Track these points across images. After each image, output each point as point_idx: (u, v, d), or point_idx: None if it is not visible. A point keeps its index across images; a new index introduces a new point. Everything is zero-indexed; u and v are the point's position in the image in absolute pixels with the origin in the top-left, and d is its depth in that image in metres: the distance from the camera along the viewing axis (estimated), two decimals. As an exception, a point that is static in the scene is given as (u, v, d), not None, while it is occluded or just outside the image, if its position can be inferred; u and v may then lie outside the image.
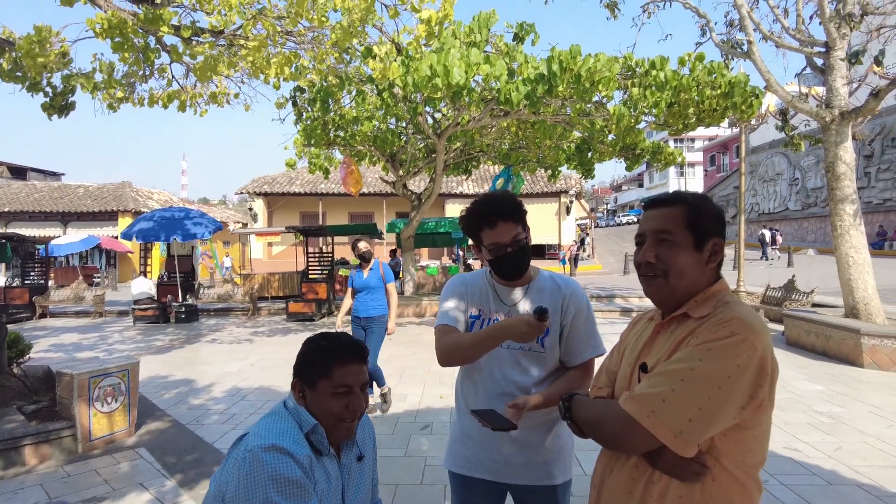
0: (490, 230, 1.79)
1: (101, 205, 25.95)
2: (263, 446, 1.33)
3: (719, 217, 1.32)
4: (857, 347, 6.94)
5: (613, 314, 12.22)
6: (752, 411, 1.15)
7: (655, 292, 1.33)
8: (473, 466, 1.86)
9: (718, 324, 1.18)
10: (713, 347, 1.14)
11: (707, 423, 1.12)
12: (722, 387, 1.11)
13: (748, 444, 1.19)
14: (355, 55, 7.98)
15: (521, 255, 1.82)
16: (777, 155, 32.79)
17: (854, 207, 7.67)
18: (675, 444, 1.13)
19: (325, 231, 14.59)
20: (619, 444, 1.26)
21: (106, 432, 4.45)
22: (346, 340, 1.53)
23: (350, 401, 1.48)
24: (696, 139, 55.66)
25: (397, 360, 7.68)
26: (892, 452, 4.18)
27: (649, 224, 1.33)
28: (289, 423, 1.44)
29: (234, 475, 1.33)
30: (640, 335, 1.41)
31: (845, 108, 7.76)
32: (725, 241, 1.35)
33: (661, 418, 1.14)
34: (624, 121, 8.13)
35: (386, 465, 4.02)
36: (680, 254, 1.27)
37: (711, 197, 1.47)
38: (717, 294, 1.29)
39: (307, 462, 1.37)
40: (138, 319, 12.25)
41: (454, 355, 1.81)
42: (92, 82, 7.17)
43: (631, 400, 1.20)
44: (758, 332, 1.16)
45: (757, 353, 1.13)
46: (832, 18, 7.76)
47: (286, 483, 1.30)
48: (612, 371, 1.46)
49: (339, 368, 1.47)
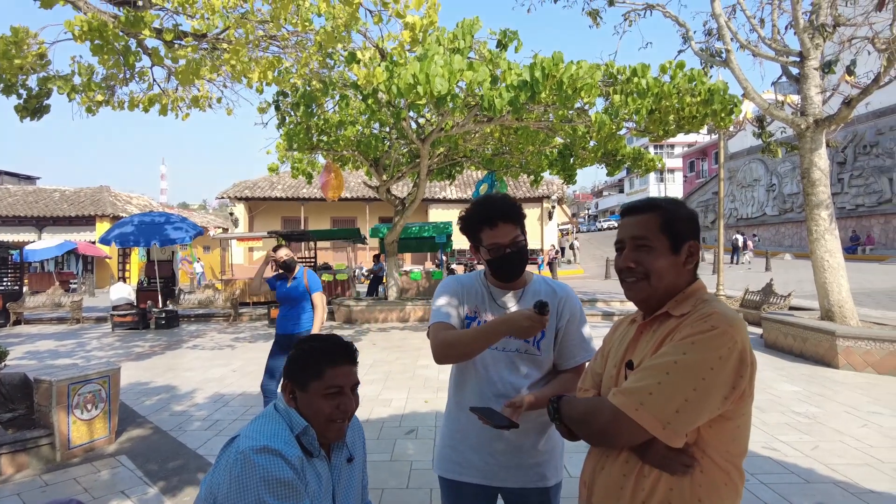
0: (490, 230, 1.81)
1: (77, 209, 25.48)
2: (255, 448, 1.34)
3: (693, 220, 1.38)
4: (833, 349, 7.11)
5: (595, 318, 12.32)
6: (735, 401, 1.20)
7: (637, 294, 1.38)
8: (464, 471, 1.87)
9: (700, 319, 1.24)
10: (696, 341, 1.20)
11: (693, 413, 1.17)
12: (706, 378, 1.16)
13: (732, 434, 1.25)
14: (339, 60, 7.99)
15: (519, 257, 1.84)
16: (755, 161, 33.43)
17: (829, 212, 7.86)
18: (663, 436, 1.18)
19: (308, 236, 14.51)
20: (608, 438, 1.29)
21: (86, 440, 4.37)
22: (337, 342, 1.55)
23: (341, 401, 1.49)
24: (675, 145, 56.45)
25: (382, 365, 7.66)
26: (866, 450, 4.28)
27: (627, 231, 1.39)
28: (280, 424, 1.44)
29: (225, 477, 1.34)
30: (624, 336, 1.45)
31: (819, 115, 7.96)
32: (701, 244, 1.41)
33: (649, 410, 1.18)
34: (605, 127, 8.24)
35: (372, 469, 4.01)
36: (658, 257, 1.33)
37: (689, 202, 1.50)
38: (696, 293, 1.35)
39: (298, 463, 1.38)
40: (117, 326, 12.04)
41: (452, 349, 1.77)
42: (70, 84, 7.07)
43: (619, 394, 1.24)
44: (736, 326, 1.21)
45: (737, 345, 1.19)
46: (806, 29, 7.97)
47: (278, 484, 1.31)
48: (598, 373, 1.49)
49: (331, 370, 1.49)
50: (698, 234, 1.39)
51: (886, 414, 5.19)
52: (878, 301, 12.18)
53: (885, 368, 6.73)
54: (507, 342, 1.84)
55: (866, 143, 25.04)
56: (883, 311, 10.34)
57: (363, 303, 12.81)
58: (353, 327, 11.71)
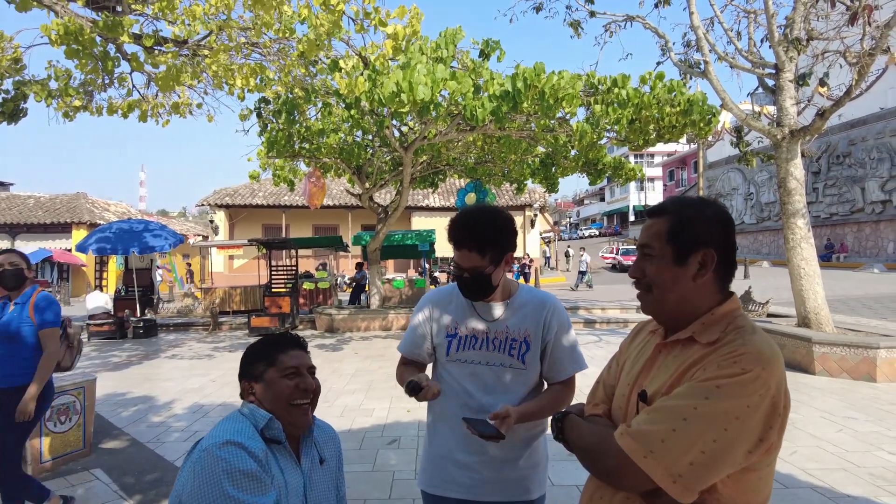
0: (456, 250, 1.80)
1: (53, 216, 24.99)
2: (218, 444, 1.34)
3: (713, 223, 1.21)
4: (809, 355, 7.23)
5: (577, 325, 12.40)
6: (761, 455, 1.07)
7: (646, 307, 1.28)
8: (447, 485, 1.85)
9: (729, 357, 1.08)
10: (722, 385, 1.05)
11: (710, 468, 1.04)
12: (729, 429, 1.03)
13: (753, 486, 1.11)
14: (322, 68, 7.98)
15: (475, 283, 1.80)
16: (733, 170, 34.04)
17: (805, 221, 8.02)
18: (673, 490, 1.05)
19: (290, 244, 14.39)
20: (612, 481, 1.18)
21: (59, 453, 4.26)
22: (283, 334, 1.63)
23: (299, 381, 1.53)
24: (655, 154, 57.25)
25: (364, 375, 7.61)
26: (842, 455, 4.36)
27: (640, 237, 1.29)
28: (243, 423, 1.44)
29: (189, 477, 1.33)
30: (642, 350, 1.34)
31: (794, 126, 8.14)
32: (731, 252, 1.23)
33: (659, 460, 1.05)
34: (586, 137, 8.33)
35: (353, 480, 3.97)
36: (661, 269, 1.21)
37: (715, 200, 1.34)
38: (727, 316, 1.19)
39: (263, 456, 1.38)
40: (93, 335, 11.80)
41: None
42: (46, 90, 6.96)
43: (628, 436, 1.11)
44: (772, 367, 1.06)
45: (770, 391, 1.05)
46: (781, 42, 8.16)
47: (241, 476, 1.30)
48: (611, 385, 1.38)
49: (283, 354, 1.55)
50: (724, 240, 1.21)
51: (860, 419, 5.29)
52: (852, 308, 12.44)
53: (859, 374, 6.86)
54: (491, 357, 1.82)
55: (839, 153, 25.65)
56: (857, 318, 10.56)
57: (345, 311, 12.72)
58: (334, 336, 11.63)
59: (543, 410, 1.78)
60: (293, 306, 12.77)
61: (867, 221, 24.70)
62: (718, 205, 1.26)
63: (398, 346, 2.00)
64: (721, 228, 1.21)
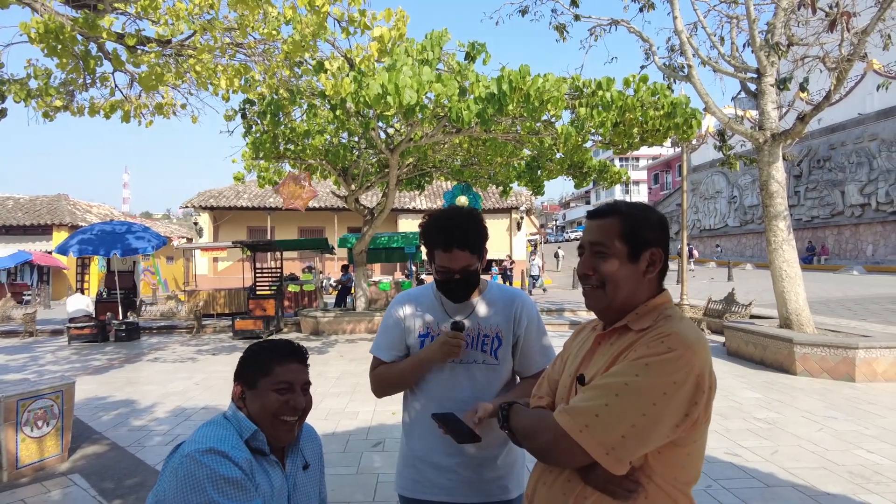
0: (444, 253, 1.75)
1: (33, 218, 24.56)
2: (201, 450, 1.31)
3: (659, 227, 1.30)
4: (791, 356, 7.32)
5: (562, 327, 12.44)
6: (686, 429, 1.14)
7: (594, 303, 1.32)
8: (426, 489, 1.83)
9: (657, 338, 1.16)
10: (650, 363, 1.12)
11: (639, 441, 1.10)
12: (657, 403, 1.09)
13: (681, 461, 1.18)
14: (307, 70, 7.94)
15: (466, 284, 1.80)
16: (717, 174, 34.43)
17: (786, 223, 8.14)
18: (606, 461, 1.11)
19: (274, 246, 14.29)
20: (551, 457, 1.23)
21: (35, 458, 4.18)
22: (287, 343, 1.58)
23: (290, 397, 1.48)
24: (640, 158, 57.79)
25: (349, 377, 7.57)
26: (822, 454, 4.41)
27: (587, 235, 1.33)
28: (228, 430, 1.41)
29: (171, 481, 1.30)
30: (583, 345, 1.40)
31: (776, 130, 8.26)
32: (668, 252, 1.33)
33: (593, 433, 1.11)
34: (571, 140, 8.38)
35: (337, 483, 3.95)
36: (614, 265, 1.26)
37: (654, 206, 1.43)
38: (659, 307, 1.28)
39: (247, 465, 1.35)
40: (74, 338, 11.60)
41: (387, 385, 1.91)
42: (26, 90, 6.84)
43: (564, 413, 1.17)
44: (695, 349, 1.14)
45: (694, 370, 1.11)
46: (762, 47, 8.28)
47: (226, 483, 1.28)
48: (554, 380, 1.43)
49: (279, 367, 1.50)
50: (665, 241, 1.31)
51: (840, 418, 5.37)
52: (832, 309, 12.63)
53: (839, 374, 6.96)
54: (466, 353, 1.82)
55: (820, 157, 26.08)
56: (837, 319, 10.72)
57: (330, 314, 12.65)
58: (319, 339, 11.55)
59: None
60: (278, 309, 12.68)
61: (847, 224, 25.13)
62: (657, 210, 1.36)
63: (371, 350, 1.94)
64: (663, 231, 1.31)
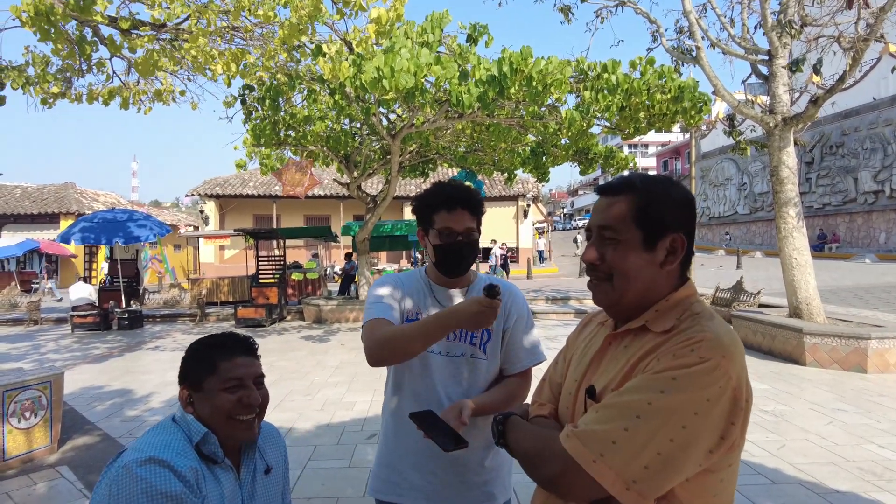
0: (447, 213, 1.66)
1: (40, 207, 24.67)
2: (139, 460, 1.17)
3: (682, 206, 1.08)
4: (800, 346, 7.14)
5: (568, 315, 12.29)
6: (723, 453, 0.94)
7: (602, 298, 1.12)
8: (403, 492, 1.69)
9: (685, 345, 0.96)
10: (678, 377, 0.92)
11: (667, 472, 0.91)
12: (687, 426, 0.90)
13: (714, 489, 0.98)
14: (305, 53, 7.78)
15: (469, 249, 1.69)
16: (726, 160, 33.97)
17: (797, 210, 7.92)
18: (626, 498, 0.92)
19: (276, 234, 14.21)
20: (557, 489, 1.04)
21: (23, 450, 4.11)
22: (230, 335, 1.43)
23: (242, 394, 1.34)
24: (649, 145, 57.18)
25: (348, 367, 7.47)
26: (831, 449, 4.26)
27: (595, 216, 1.13)
28: (174, 434, 1.28)
29: (104, 497, 1.17)
30: (589, 343, 1.21)
31: (787, 114, 8.01)
32: (693, 237, 1.10)
33: (610, 464, 0.92)
34: (576, 125, 8.17)
35: (328, 476, 3.85)
36: (626, 255, 1.06)
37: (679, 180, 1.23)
38: (683, 302, 1.07)
39: (192, 475, 1.21)
40: (77, 327, 11.60)
41: (390, 347, 1.53)
42: (24, 76, 6.75)
43: (574, 438, 0.97)
44: (732, 355, 0.95)
45: (731, 382, 0.92)
46: (774, 28, 8.01)
47: (163, 498, 1.14)
48: (557, 383, 1.25)
49: (225, 363, 1.35)
50: (690, 224, 1.09)
51: (850, 411, 5.20)
52: (843, 298, 12.39)
53: (850, 365, 6.78)
54: (452, 346, 1.69)
55: (832, 143, 25.60)
56: (848, 308, 10.50)
57: (333, 302, 12.57)
58: (322, 327, 11.48)
59: (497, 404, 1.63)
60: (281, 297, 12.62)
61: (859, 212, 24.70)
62: (683, 185, 1.12)
63: (366, 316, 1.67)
64: (688, 212, 1.09)
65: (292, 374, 7.07)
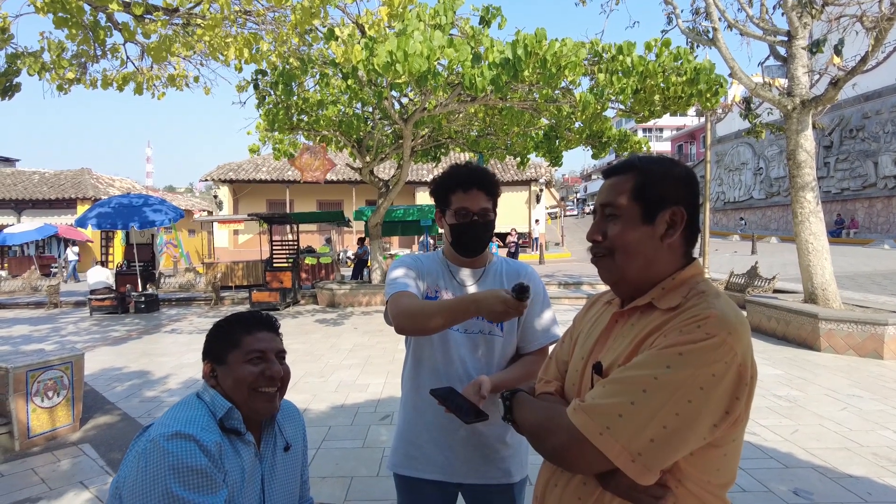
0: (463, 193, 1.71)
1: (58, 192, 24.98)
2: (166, 434, 1.21)
3: (682, 182, 1.10)
4: (815, 332, 7.08)
5: (580, 301, 12.27)
6: (727, 428, 0.97)
7: (606, 275, 1.16)
8: (422, 466, 1.73)
9: (691, 322, 0.98)
10: (684, 352, 0.94)
11: (672, 445, 0.94)
12: (693, 400, 0.92)
13: (716, 463, 1.01)
14: (317, 38, 7.75)
15: (484, 228, 1.74)
16: (742, 145, 33.44)
17: (814, 195, 7.79)
18: (631, 470, 0.94)
19: (289, 219, 14.30)
20: (563, 461, 1.06)
21: (46, 428, 4.22)
22: (254, 313, 1.49)
23: (265, 367, 1.39)
24: (664, 129, 56.41)
25: (361, 350, 7.55)
26: (844, 434, 4.24)
27: (599, 196, 1.16)
28: (199, 410, 1.32)
29: (133, 470, 1.20)
30: (596, 322, 1.23)
31: (806, 96, 7.86)
32: (696, 212, 1.12)
33: (616, 437, 0.94)
34: (590, 108, 8.08)
35: (342, 457, 3.91)
36: (626, 228, 1.09)
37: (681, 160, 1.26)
38: (689, 281, 1.09)
39: (216, 449, 1.25)
40: (95, 310, 11.82)
41: (414, 319, 1.56)
42: (40, 62, 6.81)
43: (581, 412, 0.99)
44: (738, 333, 0.96)
45: (736, 358, 0.94)
46: (794, 7, 7.82)
47: (189, 472, 1.18)
48: (563, 361, 1.27)
49: (248, 337, 1.40)
50: (691, 199, 1.10)
51: (866, 397, 5.17)
52: (860, 284, 12.23)
53: (866, 351, 6.72)
54: (470, 323, 1.71)
55: (852, 127, 25.07)
56: (864, 294, 10.37)
57: (346, 286, 12.66)
58: (335, 311, 11.57)
59: (515, 381, 1.65)
60: (294, 281, 12.73)
61: (879, 197, 24.24)
62: (684, 164, 1.15)
63: (389, 290, 1.69)
64: (689, 188, 1.11)
65: (306, 356, 7.15)
